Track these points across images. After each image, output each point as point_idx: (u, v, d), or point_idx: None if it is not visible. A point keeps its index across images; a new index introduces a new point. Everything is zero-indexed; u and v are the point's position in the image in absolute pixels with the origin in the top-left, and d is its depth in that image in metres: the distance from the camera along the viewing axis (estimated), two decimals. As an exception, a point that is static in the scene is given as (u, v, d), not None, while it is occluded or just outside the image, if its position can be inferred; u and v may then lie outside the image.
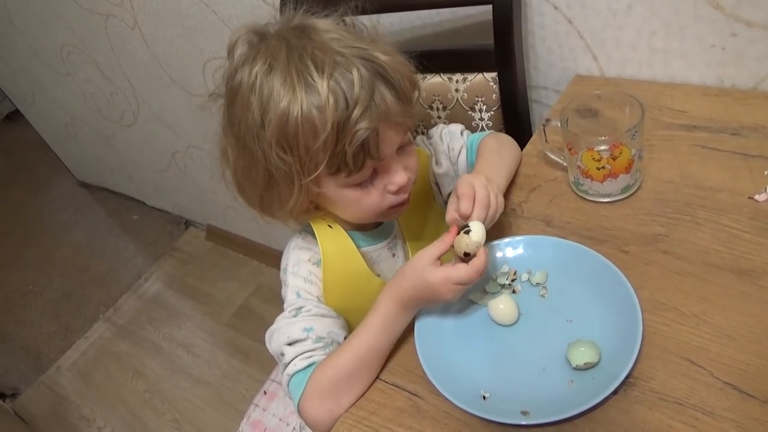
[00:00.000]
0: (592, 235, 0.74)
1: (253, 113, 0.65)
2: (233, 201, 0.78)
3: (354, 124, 0.63)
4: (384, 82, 0.66)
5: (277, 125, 0.64)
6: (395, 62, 0.68)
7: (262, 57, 0.66)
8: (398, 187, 0.71)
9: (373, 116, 0.64)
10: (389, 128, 0.67)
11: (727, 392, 0.56)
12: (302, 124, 0.63)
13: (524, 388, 0.62)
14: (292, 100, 0.63)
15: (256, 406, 1.07)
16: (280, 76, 0.64)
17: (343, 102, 0.63)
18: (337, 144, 0.64)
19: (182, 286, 2.30)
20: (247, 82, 0.66)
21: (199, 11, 1.40)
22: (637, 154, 0.73)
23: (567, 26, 0.92)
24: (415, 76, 0.73)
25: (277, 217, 0.75)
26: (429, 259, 0.65)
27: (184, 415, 1.85)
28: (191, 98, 1.74)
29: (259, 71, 0.65)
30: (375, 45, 0.68)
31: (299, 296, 0.75)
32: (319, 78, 0.63)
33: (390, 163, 0.70)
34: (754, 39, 0.79)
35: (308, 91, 0.63)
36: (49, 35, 2.01)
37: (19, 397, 2.08)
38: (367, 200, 0.71)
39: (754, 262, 0.64)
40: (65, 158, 2.96)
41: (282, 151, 0.65)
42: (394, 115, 0.66)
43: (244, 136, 0.68)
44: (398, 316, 0.68)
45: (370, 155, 0.66)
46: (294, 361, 0.69)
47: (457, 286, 0.64)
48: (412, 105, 0.72)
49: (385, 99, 0.65)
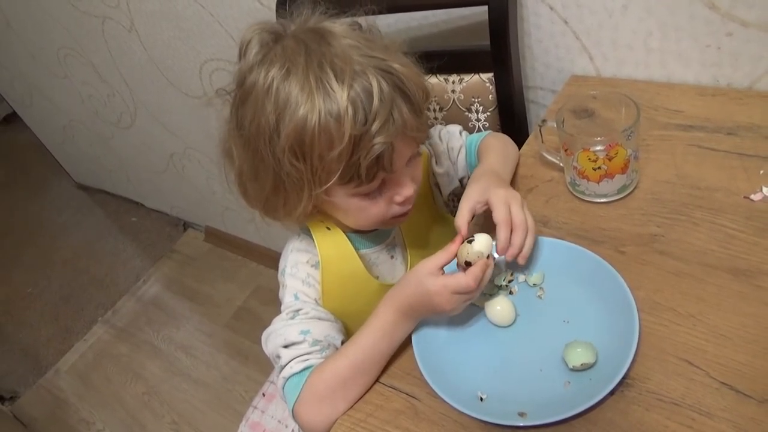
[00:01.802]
0: (589, 236, 0.74)
1: (267, 117, 0.64)
2: (231, 202, 0.78)
3: (372, 137, 0.62)
4: (402, 96, 0.65)
5: (293, 132, 0.62)
6: (411, 73, 0.67)
7: (279, 60, 0.64)
8: (405, 198, 0.71)
9: (390, 131, 0.63)
10: (404, 142, 0.67)
11: (724, 392, 0.56)
12: (319, 133, 0.61)
13: (521, 390, 0.62)
14: (309, 108, 0.61)
15: (255, 408, 1.07)
16: (298, 81, 0.62)
17: (362, 114, 0.61)
18: (352, 156, 0.63)
19: (181, 287, 2.30)
20: (262, 85, 0.64)
21: (196, 13, 1.40)
22: (633, 155, 0.73)
23: (563, 26, 0.92)
24: (427, 87, 0.71)
25: (280, 219, 0.74)
26: (431, 267, 0.65)
27: (183, 417, 1.85)
28: (188, 100, 1.74)
29: (275, 75, 0.63)
30: (390, 53, 0.67)
31: (297, 298, 0.75)
32: (339, 87, 0.61)
33: (399, 176, 0.70)
34: (749, 39, 0.79)
35: (327, 99, 0.61)
36: (46, 38, 2.01)
37: (18, 400, 2.08)
38: (372, 210, 0.71)
39: (750, 262, 0.65)
40: (63, 160, 2.96)
41: (295, 159, 0.64)
42: (410, 130, 0.66)
43: (254, 138, 0.66)
44: (398, 323, 0.67)
45: (383, 168, 0.65)
46: (290, 363, 0.69)
47: (456, 296, 0.63)
48: (426, 116, 0.72)
49: (402, 113, 0.64)
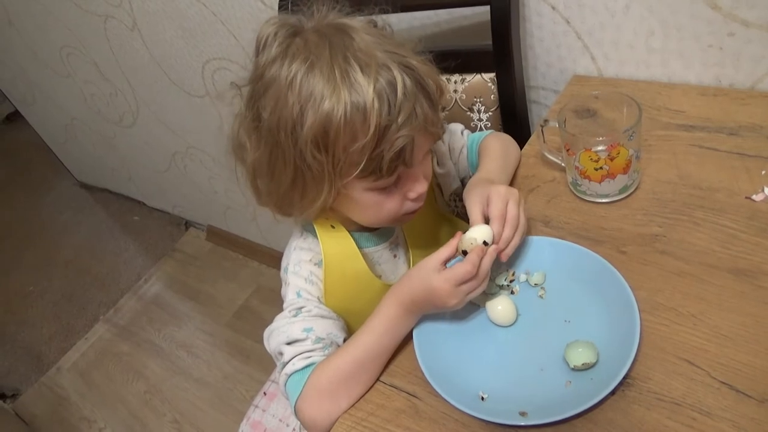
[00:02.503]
0: (590, 236, 0.74)
1: (290, 109, 0.63)
2: (233, 202, 0.78)
3: (396, 131, 0.62)
4: (422, 91, 0.65)
5: (318, 124, 0.62)
6: (429, 70, 0.68)
7: (303, 53, 0.64)
8: (418, 194, 0.71)
9: (414, 125, 0.64)
10: (423, 137, 0.68)
11: (724, 392, 0.56)
12: (344, 125, 0.62)
13: (522, 389, 0.62)
14: (335, 100, 0.61)
15: (256, 407, 1.07)
16: (323, 74, 0.62)
17: (386, 107, 0.62)
18: (375, 149, 0.63)
19: (182, 287, 2.31)
20: (285, 77, 0.64)
21: (198, 12, 1.40)
22: (634, 155, 0.73)
23: (565, 26, 0.92)
24: (441, 83, 0.71)
25: (292, 214, 0.74)
26: (434, 262, 0.65)
27: (184, 415, 1.86)
28: (191, 99, 1.74)
29: (298, 67, 0.63)
30: (406, 50, 0.67)
31: (300, 296, 0.75)
32: (364, 79, 0.61)
33: (415, 170, 0.70)
34: (751, 39, 0.79)
35: (353, 92, 0.61)
36: (49, 36, 2.01)
37: (20, 398, 2.09)
38: (387, 205, 0.71)
39: (752, 262, 0.65)
40: (65, 159, 2.97)
41: (317, 151, 0.64)
42: (430, 125, 0.67)
43: (275, 131, 0.65)
44: (401, 319, 0.67)
45: (404, 162, 0.66)
46: (293, 360, 0.69)
47: (459, 289, 0.63)
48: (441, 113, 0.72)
49: (423, 107, 0.65)
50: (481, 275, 0.64)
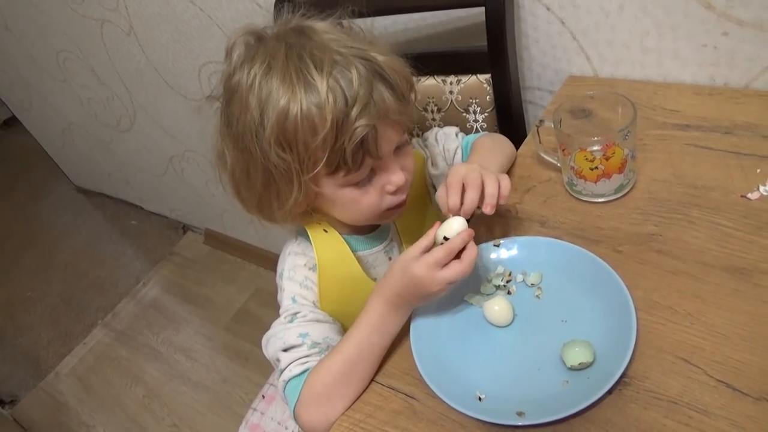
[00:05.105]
0: (586, 236, 0.74)
1: (251, 112, 0.66)
2: (231, 205, 0.78)
3: (353, 121, 0.64)
4: (382, 81, 0.67)
5: (277, 123, 0.64)
6: (392, 62, 0.69)
7: (261, 57, 0.66)
8: (396, 187, 0.72)
9: (372, 114, 0.65)
10: (388, 126, 0.68)
11: (721, 390, 0.56)
12: (301, 121, 0.64)
13: (519, 389, 0.62)
14: (291, 98, 0.64)
15: (255, 410, 1.07)
16: (279, 75, 0.65)
17: (342, 100, 0.63)
18: (336, 141, 0.64)
19: (181, 290, 2.30)
20: (246, 82, 0.66)
21: (194, 16, 1.40)
22: (630, 154, 0.73)
23: (560, 27, 0.93)
24: (411, 77, 0.73)
25: (276, 219, 0.75)
26: (413, 254, 0.65)
27: (183, 419, 1.85)
28: (187, 103, 1.74)
29: (257, 71, 0.66)
30: (372, 46, 0.69)
31: (295, 301, 0.75)
32: (319, 76, 0.63)
33: (388, 163, 0.71)
34: (745, 38, 0.79)
35: (307, 89, 0.63)
36: (45, 41, 2.01)
37: (19, 404, 2.08)
38: (365, 201, 0.72)
39: (747, 260, 0.65)
40: (63, 164, 2.97)
41: (281, 149, 0.66)
42: (392, 114, 0.67)
43: (242, 135, 0.68)
44: (388, 315, 0.67)
45: (369, 153, 0.67)
46: (289, 366, 0.69)
47: (441, 275, 0.62)
48: (410, 104, 0.73)
49: (383, 97, 0.66)
50: (465, 260, 0.63)
